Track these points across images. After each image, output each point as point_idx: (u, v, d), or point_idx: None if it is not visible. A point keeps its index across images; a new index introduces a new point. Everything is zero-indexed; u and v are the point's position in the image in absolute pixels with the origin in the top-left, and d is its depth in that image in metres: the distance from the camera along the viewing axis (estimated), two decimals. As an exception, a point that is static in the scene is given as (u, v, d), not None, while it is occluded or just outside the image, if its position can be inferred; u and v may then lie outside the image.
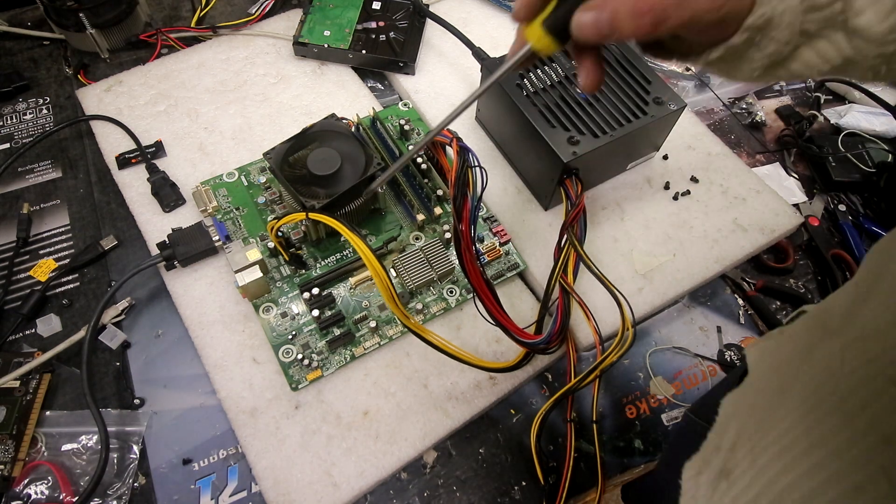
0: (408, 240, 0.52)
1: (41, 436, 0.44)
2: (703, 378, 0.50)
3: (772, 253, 0.58)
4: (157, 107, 0.59)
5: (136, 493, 0.43)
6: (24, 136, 0.59)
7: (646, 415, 0.49)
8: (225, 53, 0.64)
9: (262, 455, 0.43)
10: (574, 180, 0.49)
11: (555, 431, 0.47)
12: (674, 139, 0.59)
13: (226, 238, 0.50)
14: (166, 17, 0.69)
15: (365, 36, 0.63)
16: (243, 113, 0.59)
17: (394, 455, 0.43)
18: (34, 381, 0.45)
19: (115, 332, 0.48)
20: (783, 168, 0.63)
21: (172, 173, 0.54)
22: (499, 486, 0.45)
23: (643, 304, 0.50)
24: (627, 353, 0.51)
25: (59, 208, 0.55)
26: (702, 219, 0.55)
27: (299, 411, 0.44)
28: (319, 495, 0.41)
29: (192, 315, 0.48)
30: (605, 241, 0.53)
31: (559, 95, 0.51)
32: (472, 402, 0.46)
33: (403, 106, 0.60)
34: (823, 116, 0.65)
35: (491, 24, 0.68)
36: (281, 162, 0.48)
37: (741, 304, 0.55)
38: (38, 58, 0.65)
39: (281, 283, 0.49)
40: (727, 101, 0.67)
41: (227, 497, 0.43)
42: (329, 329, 0.47)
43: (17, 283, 0.50)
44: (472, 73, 0.63)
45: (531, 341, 0.44)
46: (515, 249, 0.52)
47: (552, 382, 0.49)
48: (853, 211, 0.60)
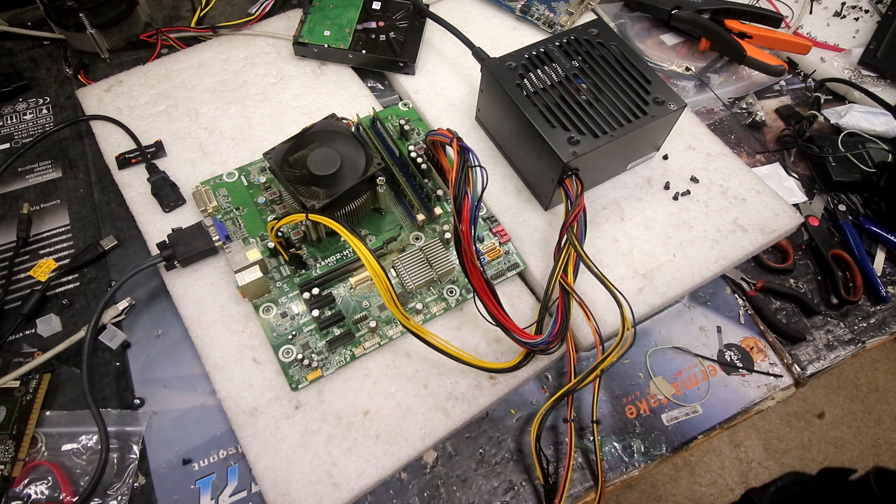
0: (408, 240, 0.52)
1: (41, 436, 0.44)
2: (703, 378, 0.51)
3: (772, 253, 0.58)
4: (157, 107, 0.59)
5: (136, 493, 0.43)
6: (24, 136, 0.59)
7: (646, 415, 0.49)
8: (225, 53, 0.64)
9: (262, 455, 0.43)
10: (574, 180, 0.49)
11: (555, 431, 0.47)
12: (674, 139, 0.59)
13: (226, 238, 0.50)
14: (166, 17, 0.69)
15: (365, 36, 0.63)
16: (243, 113, 0.59)
17: (394, 455, 0.43)
18: (34, 381, 0.45)
19: (115, 332, 0.48)
20: (783, 168, 0.63)
21: (172, 173, 0.54)
22: (499, 485, 0.45)
23: (643, 304, 0.51)
24: (627, 353, 0.51)
25: (59, 208, 0.55)
26: (702, 219, 0.55)
27: (299, 411, 0.44)
28: (319, 495, 0.41)
29: (192, 315, 0.48)
30: (605, 241, 0.53)
31: (559, 95, 0.51)
32: (473, 402, 0.46)
33: (403, 106, 0.60)
34: (823, 116, 0.65)
35: (491, 24, 0.68)
36: (281, 162, 0.48)
37: (741, 304, 0.55)
38: (38, 58, 0.65)
39: (281, 283, 0.49)
40: (727, 101, 0.67)
41: (227, 497, 0.43)
42: (329, 329, 0.47)
43: (17, 283, 0.50)
44: (472, 73, 0.63)
45: (531, 341, 0.44)
46: (515, 249, 0.52)
47: (552, 382, 0.49)
48: (853, 211, 0.60)
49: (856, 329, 0.54)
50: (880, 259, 0.58)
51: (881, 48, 0.70)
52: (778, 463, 1.21)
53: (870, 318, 0.55)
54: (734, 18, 0.69)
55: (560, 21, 0.67)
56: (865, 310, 0.55)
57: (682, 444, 0.48)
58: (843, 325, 0.54)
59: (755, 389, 0.50)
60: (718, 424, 0.49)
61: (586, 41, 0.54)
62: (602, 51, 0.54)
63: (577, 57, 0.53)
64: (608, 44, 0.54)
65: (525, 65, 0.53)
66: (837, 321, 0.55)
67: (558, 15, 0.68)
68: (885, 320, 0.55)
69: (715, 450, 1.22)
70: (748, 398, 0.50)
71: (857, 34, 0.74)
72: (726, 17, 0.69)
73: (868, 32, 0.73)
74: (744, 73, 0.69)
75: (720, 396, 0.50)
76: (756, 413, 0.50)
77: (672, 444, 0.47)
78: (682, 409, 0.49)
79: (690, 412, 0.49)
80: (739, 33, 0.68)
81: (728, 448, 1.22)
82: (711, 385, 0.50)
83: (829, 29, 0.74)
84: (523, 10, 0.68)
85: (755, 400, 0.50)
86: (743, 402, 0.50)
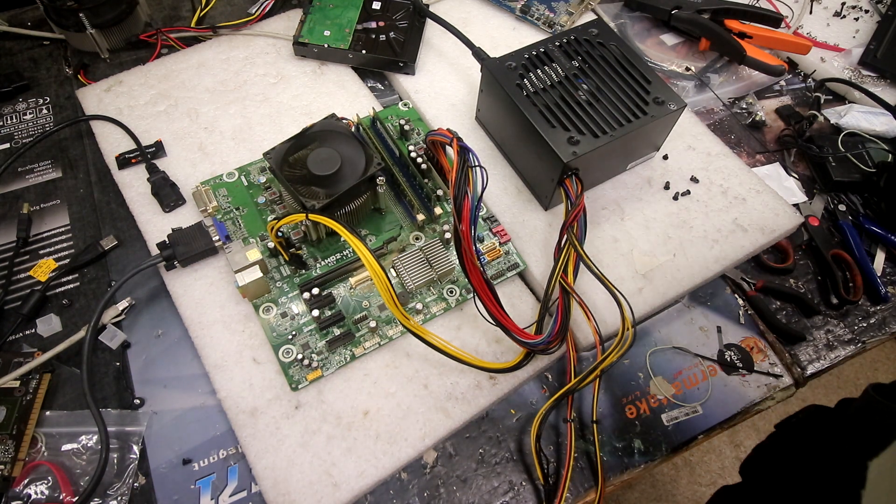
0: (408, 240, 0.52)
1: (41, 436, 0.44)
2: (703, 378, 0.51)
3: (772, 253, 0.58)
4: (157, 107, 0.59)
5: (136, 493, 0.43)
6: (24, 136, 0.59)
7: (646, 415, 0.49)
8: (225, 53, 0.64)
9: (262, 455, 0.43)
10: (574, 180, 0.49)
11: (555, 431, 0.47)
12: (674, 139, 0.59)
13: (226, 238, 0.50)
14: (166, 17, 0.69)
15: (365, 36, 0.63)
16: (243, 113, 0.59)
17: (394, 455, 0.43)
18: (34, 381, 0.45)
19: (115, 332, 0.48)
20: (783, 168, 0.63)
21: (172, 173, 0.54)
22: (499, 486, 0.45)
23: (643, 304, 0.51)
24: (627, 353, 0.51)
25: (59, 208, 0.55)
26: (702, 219, 0.55)
27: (299, 411, 0.44)
28: (319, 495, 0.41)
29: (192, 315, 0.48)
30: (605, 241, 0.53)
31: (559, 95, 0.51)
32: (473, 402, 0.46)
33: (403, 106, 0.60)
34: (823, 116, 0.65)
35: (491, 24, 0.68)
36: (281, 162, 0.48)
37: (741, 304, 0.55)
38: (38, 58, 0.65)
39: (281, 283, 0.49)
40: (727, 101, 0.67)
41: (227, 497, 0.43)
42: (329, 329, 0.47)
43: (17, 283, 0.50)
44: (472, 73, 0.63)
45: (531, 341, 0.44)
46: (515, 249, 0.52)
47: (552, 382, 0.49)
48: (853, 211, 0.60)
49: (856, 329, 0.54)
50: (880, 259, 0.58)
51: (881, 48, 0.70)
52: (778, 463, 1.21)
53: (870, 318, 0.55)
54: (734, 18, 0.69)
55: (560, 21, 0.67)
56: (865, 310, 0.55)
57: (682, 444, 0.48)
58: (843, 325, 0.54)
59: (755, 389, 0.50)
60: (718, 424, 0.49)
61: (586, 41, 0.54)
62: (602, 51, 0.54)
63: (577, 57, 0.54)
64: (608, 44, 0.54)
65: (525, 65, 0.53)
66: (837, 321, 0.55)
67: (558, 15, 0.68)
68: (885, 320, 0.55)
69: (715, 450, 1.22)
70: (748, 398, 0.50)
71: (857, 34, 0.74)
72: (726, 17, 0.69)
73: (868, 32, 0.73)
74: (744, 73, 0.69)
75: (720, 396, 0.50)
76: (756, 413, 0.50)
77: (672, 444, 0.47)
78: (682, 409, 0.49)
79: (690, 412, 0.49)
80: (739, 33, 0.68)
81: (728, 448, 1.22)
82: (711, 385, 0.50)
83: (829, 29, 0.74)
84: (523, 10, 0.68)
85: (755, 400, 0.50)
86: (743, 402, 0.50)
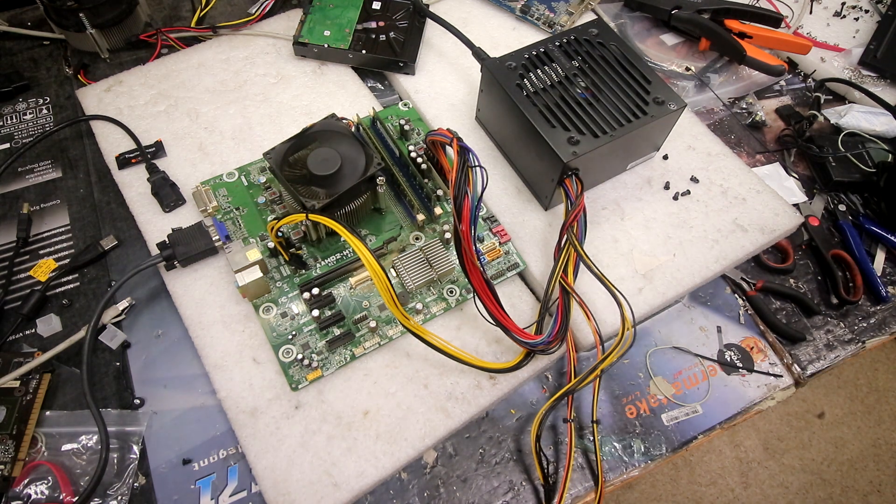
0: (408, 240, 0.52)
1: (41, 436, 0.44)
2: (703, 378, 0.51)
3: (772, 253, 0.58)
4: (157, 107, 0.59)
5: (136, 493, 0.43)
6: (24, 136, 0.59)
7: (646, 415, 0.49)
8: (225, 53, 0.64)
9: (262, 455, 0.43)
10: (574, 180, 0.49)
11: (555, 431, 0.47)
12: (674, 139, 0.59)
13: (226, 238, 0.50)
14: (166, 17, 0.69)
15: (365, 36, 0.63)
16: (243, 113, 0.59)
17: (394, 455, 0.43)
18: (34, 381, 0.45)
19: (115, 332, 0.48)
20: (783, 168, 0.63)
21: (172, 173, 0.54)
22: (499, 486, 0.45)
23: (643, 304, 0.51)
24: (627, 353, 0.51)
25: (59, 208, 0.55)
26: (702, 219, 0.55)
27: (299, 411, 0.44)
28: (319, 495, 0.41)
29: (192, 315, 0.48)
30: (605, 241, 0.53)
31: (559, 95, 0.51)
32: (473, 402, 0.46)
33: (403, 106, 0.60)
34: (823, 116, 0.65)
35: (491, 24, 0.68)
36: (281, 162, 0.48)
37: (741, 304, 0.55)
38: (38, 58, 0.65)
39: (281, 283, 0.49)
40: (727, 101, 0.67)
41: (227, 497, 0.43)
42: (329, 329, 0.47)
43: (17, 283, 0.50)
44: (472, 73, 0.63)
45: (531, 341, 0.44)
46: (515, 249, 0.52)
47: (552, 382, 0.49)
48: (853, 211, 0.60)
49: (856, 329, 0.54)
50: (880, 259, 0.58)
51: (881, 48, 0.70)
52: (778, 463, 1.21)
53: (870, 318, 0.55)
54: (734, 18, 0.69)
55: (560, 21, 0.67)
56: (865, 310, 0.55)
57: (682, 444, 0.48)
58: (843, 325, 0.54)
59: (755, 389, 0.50)
60: (718, 424, 0.49)
61: (586, 41, 0.54)
62: (602, 51, 0.54)
63: (577, 57, 0.54)
64: (608, 44, 0.54)
65: (525, 65, 0.53)
66: (837, 321, 0.55)
67: (558, 15, 0.68)
68: (885, 320, 0.55)
69: (715, 450, 1.22)
70: (748, 398, 0.50)
71: (857, 34, 0.74)
72: (726, 17, 0.69)
73: (868, 32, 0.73)
74: (744, 73, 0.69)
75: (720, 396, 0.50)
76: (756, 413, 0.50)
77: (672, 444, 0.47)
78: (682, 409, 0.49)
79: (690, 412, 0.49)
80: (739, 33, 0.68)
81: (728, 448, 1.22)
82: (711, 385, 0.50)
83: (829, 29, 0.74)
84: (523, 10, 0.68)
85: (755, 400, 0.50)
86: (743, 402, 0.50)
